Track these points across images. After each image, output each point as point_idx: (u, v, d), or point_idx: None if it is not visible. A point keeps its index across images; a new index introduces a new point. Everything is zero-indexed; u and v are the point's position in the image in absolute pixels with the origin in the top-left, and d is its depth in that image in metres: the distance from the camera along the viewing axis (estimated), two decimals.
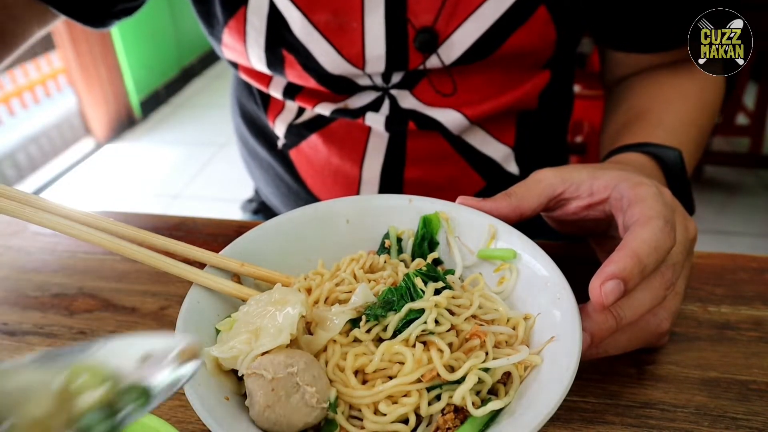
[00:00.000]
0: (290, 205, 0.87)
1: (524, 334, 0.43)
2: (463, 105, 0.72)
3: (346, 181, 0.79)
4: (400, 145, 0.75)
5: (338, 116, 0.74)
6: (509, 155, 0.78)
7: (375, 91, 0.72)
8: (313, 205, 0.53)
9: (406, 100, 0.72)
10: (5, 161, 2.79)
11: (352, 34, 0.66)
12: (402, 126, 0.73)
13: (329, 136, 0.77)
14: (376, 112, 0.73)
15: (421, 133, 0.74)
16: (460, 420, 0.38)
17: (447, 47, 0.66)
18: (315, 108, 0.74)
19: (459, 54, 0.67)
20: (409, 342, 0.40)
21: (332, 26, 0.66)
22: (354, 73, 0.69)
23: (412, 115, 0.72)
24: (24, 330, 0.55)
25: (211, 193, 2.77)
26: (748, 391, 0.47)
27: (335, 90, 0.72)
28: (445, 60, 0.67)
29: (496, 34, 0.66)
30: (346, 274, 0.47)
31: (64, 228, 0.46)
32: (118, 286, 0.60)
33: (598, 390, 0.46)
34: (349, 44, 0.66)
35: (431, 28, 0.65)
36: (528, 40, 0.67)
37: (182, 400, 0.47)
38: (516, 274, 0.48)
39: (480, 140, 0.76)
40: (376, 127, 0.74)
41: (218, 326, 0.43)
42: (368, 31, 0.65)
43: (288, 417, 0.37)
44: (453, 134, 0.74)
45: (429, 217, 0.52)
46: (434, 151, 0.76)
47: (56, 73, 3.14)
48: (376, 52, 0.67)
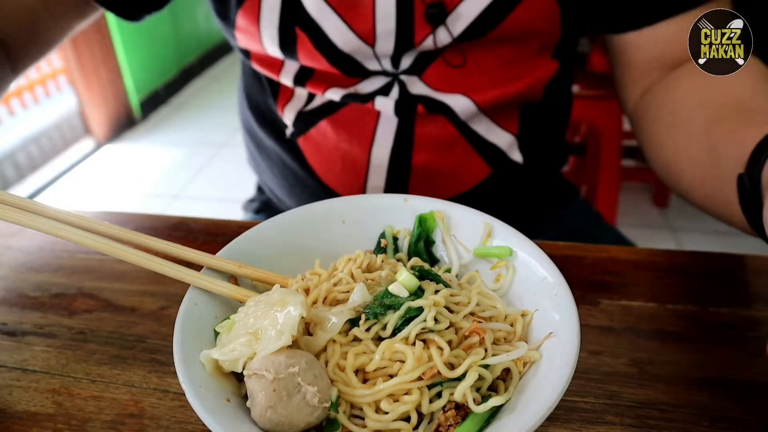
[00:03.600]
0: (296, 196, 0.88)
1: (522, 331, 0.44)
2: (472, 90, 0.73)
3: (354, 167, 0.80)
4: (409, 131, 0.76)
5: (348, 101, 0.75)
6: (513, 143, 0.79)
7: (385, 77, 0.73)
8: (309, 206, 0.54)
9: (416, 86, 0.73)
10: (5, 161, 2.79)
11: (363, 9, 0.68)
12: (411, 110, 0.74)
13: (338, 121, 0.78)
14: (386, 96, 0.74)
15: (430, 118, 0.75)
16: (462, 417, 0.38)
17: (454, 19, 0.68)
18: (325, 93, 0.75)
19: (465, 25, 0.68)
20: (409, 340, 0.40)
21: (344, 2, 0.68)
22: (364, 51, 0.70)
23: (422, 99, 0.74)
24: (24, 330, 0.55)
25: (211, 193, 2.77)
26: (748, 391, 0.47)
27: (346, 71, 0.73)
28: (453, 32, 0.69)
29: (499, 6, 0.67)
30: (344, 273, 0.47)
31: (60, 232, 0.46)
32: (118, 286, 0.60)
33: (598, 390, 0.46)
34: (360, 19, 0.68)
35: (440, 1, 0.67)
36: (531, 15, 0.68)
37: (182, 401, 0.47)
38: (512, 271, 0.48)
39: (485, 128, 0.77)
40: (386, 112, 0.75)
41: (217, 328, 0.43)
42: (379, 6, 0.67)
43: (290, 417, 0.37)
44: (460, 120, 0.75)
45: (425, 216, 0.52)
46: (442, 137, 0.76)
47: (56, 73, 3.14)
48: (386, 27, 0.68)
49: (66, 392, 0.48)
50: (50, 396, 0.48)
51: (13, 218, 0.46)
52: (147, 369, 0.50)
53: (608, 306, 0.54)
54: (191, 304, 0.44)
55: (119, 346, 0.53)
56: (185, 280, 0.46)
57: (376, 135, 0.77)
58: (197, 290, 0.45)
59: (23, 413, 0.46)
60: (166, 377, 0.49)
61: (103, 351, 0.52)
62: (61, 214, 0.48)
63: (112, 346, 0.53)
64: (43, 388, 0.49)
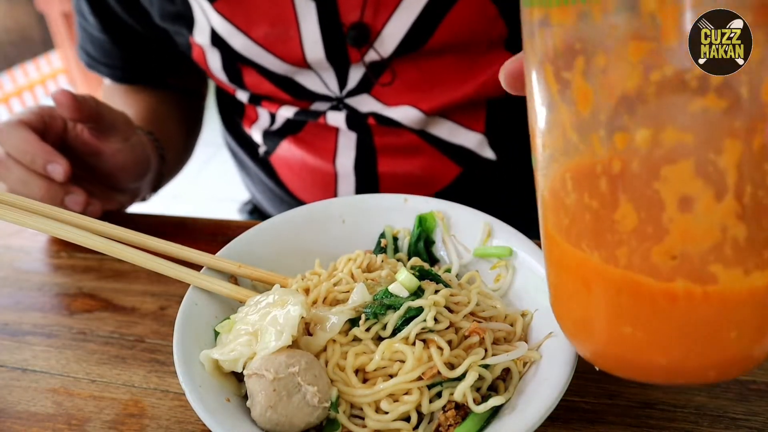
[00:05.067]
0: (279, 210, 0.90)
1: (522, 331, 0.44)
2: (419, 101, 0.73)
3: (323, 179, 0.81)
4: (369, 141, 0.77)
5: (301, 117, 0.77)
6: (482, 141, 0.78)
7: (329, 101, 0.75)
8: (309, 206, 0.54)
9: (365, 103, 0.74)
10: None
11: (290, 42, 0.69)
12: (363, 123, 0.75)
13: (301, 139, 0.80)
14: (338, 111, 0.75)
15: (385, 129, 0.75)
16: (462, 416, 0.39)
17: (381, 41, 0.68)
18: (279, 111, 0.77)
19: (394, 46, 0.68)
20: (409, 340, 0.40)
21: (271, 38, 0.69)
22: (303, 72, 0.72)
23: (371, 114, 0.74)
24: (24, 330, 0.55)
25: (211, 193, 2.77)
26: (748, 391, 0.47)
27: (293, 94, 0.75)
28: (382, 53, 0.69)
29: (426, 22, 0.66)
30: (344, 273, 0.47)
31: (60, 232, 0.46)
32: (118, 286, 0.60)
33: (598, 390, 0.46)
34: (290, 52, 0.69)
35: (360, 22, 0.67)
36: (465, 22, 0.67)
37: (182, 401, 0.47)
38: (512, 271, 0.48)
39: (448, 131, 0.76)
40: (341, 127, 0.76)
41: (217, 328, 0.43)
42: (305, 37, 0.68)
43: (290, 417, 0.37)
44: (414, 129, 0.75)
45: (425, 216, 0.52)
46: (402, 145, 0.77)
47: (56, 73, 3.14)
48: (316, 56, 0.69)
49: (66, 392, 0.48)
50: (50, 396, 0.48)
51: (13, 218, 0.46)
52: (147, 369, 0.50)
53: None
54: (191, 304, 0.44)
55: (119, 346, 0.53)
56: (185, 280, 0.46)
57: (338, 147, 0.79)
58: (197, 290, 0.45)
59: (23, 413, 0.46)
60: (166, 377, 0.49)
61: (103, 351, 0.52)
62: (61, 214, 0.48)
63: (112, 346, 0.53)
64: (43, 388, 0.49)
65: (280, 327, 0.39)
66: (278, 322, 0.40)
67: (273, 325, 0.40)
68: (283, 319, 0.40)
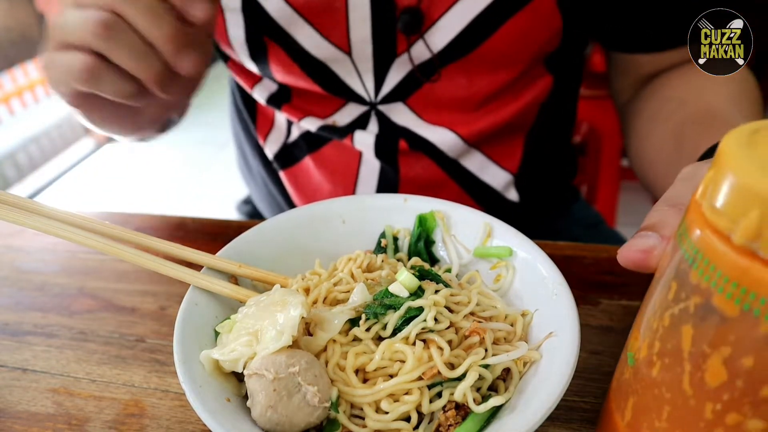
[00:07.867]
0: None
1: (522, 331, 0.44)
2: (457, 123, 0.68)
3: None
4: (394, 173, 0.73)
5: (325, 133, 0.72)
6: (509, 182, 0.74)
7: (362, 105, 0.69)
8: (309, 206, 0.54)
9: (399, 114, 0.69)
10: (5, 161, 2.79)
11: (335, 14, 0.61)
12: (393, 145, 0.70)
13: (322, 160, 0.75)
14: (364, 130, 0.70)
15: (414, 158, 0.71)
16: (462, 416, 0.39)
17: (433, 32, 0.62)
18: (301, 122, 0.72)
19: (446, 41, 0.62)
20: (409, 340, 0.40)
21: (313, 6, 0.61)
22: (341, 60, 0.65)
23: (404, 133, 0.69)
24: (24, 330, 0.55)
25: (211, 193, 2.77)
26: None
27: (324, 86, 0.68)
28: (432, 47, 0.63)
29: (487, 21, 0.61)
30: (344, 273, 0.47)
31: (60, 232, 0.46)
32: (118, 286, 0.60)
33: (598, 390, 0.46)
34: (332, 25, 0.62)
35: (415, 8, 0.61)
36: (527, 30, 0.62)
37: (182, 401, 0.47)
38: (512, 271, 0.48)
39: (479, 165, 0.72)
40: (367, 153, 0.71)
41: (218, 328, 0.43)
42: (352, 10, 0.61)
43: (290, 417, 0.37)
44: (448, 158, 0.71)
45: (425, 215, 0.52)
46: (427, 178, 0.72)
47: None
48: (361, 34, 0.62)
49: (66, 392, 0.48)
50: (50, 396, 0.48)
51: (13, 218, 0.46)
52: (147, 369, 0.50)
53: (608, 306, 0.54)
54: (191, 304, 0.44)
55: (119, 346, 0.53)
56: (185, 280, 0.46)
57: (360, 177, 0.74)
58: (197, 290, 0.45)
59: (23, 413, 0.47)
60: (166, 377, 0.49)
61: (103, 351, 0.52)
62: (61, 214, 0.48)
63: (112, 346, 0.53)
64: (43, 388, 0.49)
65: (280, 327, 0.39)
66: (278, 322, 0.40)
67: (273, 326, 0.40)
68: (284, 319, 0.40)
